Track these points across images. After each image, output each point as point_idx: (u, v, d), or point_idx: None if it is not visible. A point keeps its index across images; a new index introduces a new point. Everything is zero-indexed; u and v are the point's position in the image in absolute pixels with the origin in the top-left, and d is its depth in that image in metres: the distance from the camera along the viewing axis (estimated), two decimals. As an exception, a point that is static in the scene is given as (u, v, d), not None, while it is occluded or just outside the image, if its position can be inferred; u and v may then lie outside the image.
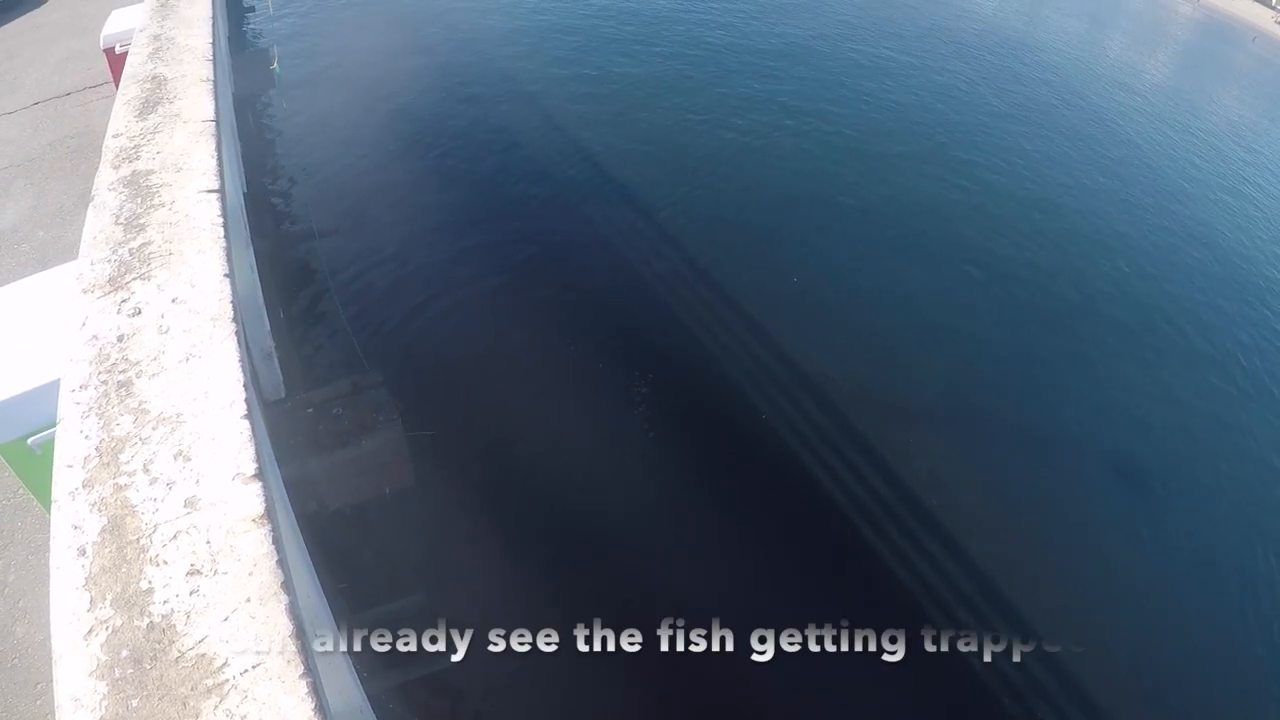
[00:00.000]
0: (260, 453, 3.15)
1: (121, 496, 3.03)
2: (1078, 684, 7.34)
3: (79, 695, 2.53)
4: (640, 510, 7.68)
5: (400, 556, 6.85)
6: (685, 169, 13.73)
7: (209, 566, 2.82)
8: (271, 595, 2.75)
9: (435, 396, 8.31)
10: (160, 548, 2.88)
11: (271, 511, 2.98)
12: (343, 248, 10.11)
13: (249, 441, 3.16)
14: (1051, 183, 14.85)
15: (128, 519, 2.96)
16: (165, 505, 3.00)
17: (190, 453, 3.15)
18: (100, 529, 2.94)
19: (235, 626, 2.68)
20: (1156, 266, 13.00)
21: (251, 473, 3.07)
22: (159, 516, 2.96)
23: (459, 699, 6.35)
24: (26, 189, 9.36)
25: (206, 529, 2.92)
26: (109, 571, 2.83)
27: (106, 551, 2.88)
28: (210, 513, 2.96)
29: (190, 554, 2.86)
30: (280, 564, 2.83)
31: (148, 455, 3.16)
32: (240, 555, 2.85)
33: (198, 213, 4.42)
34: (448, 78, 15.20)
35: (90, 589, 2.79)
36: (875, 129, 15.67)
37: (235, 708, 2.51)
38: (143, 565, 2.84)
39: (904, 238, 12.60)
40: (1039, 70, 20.04)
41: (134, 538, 2.91)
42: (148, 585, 2.79)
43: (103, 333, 3.70)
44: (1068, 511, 8.79)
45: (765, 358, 10.05)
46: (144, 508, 3.00)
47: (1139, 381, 10.72)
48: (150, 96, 5.58)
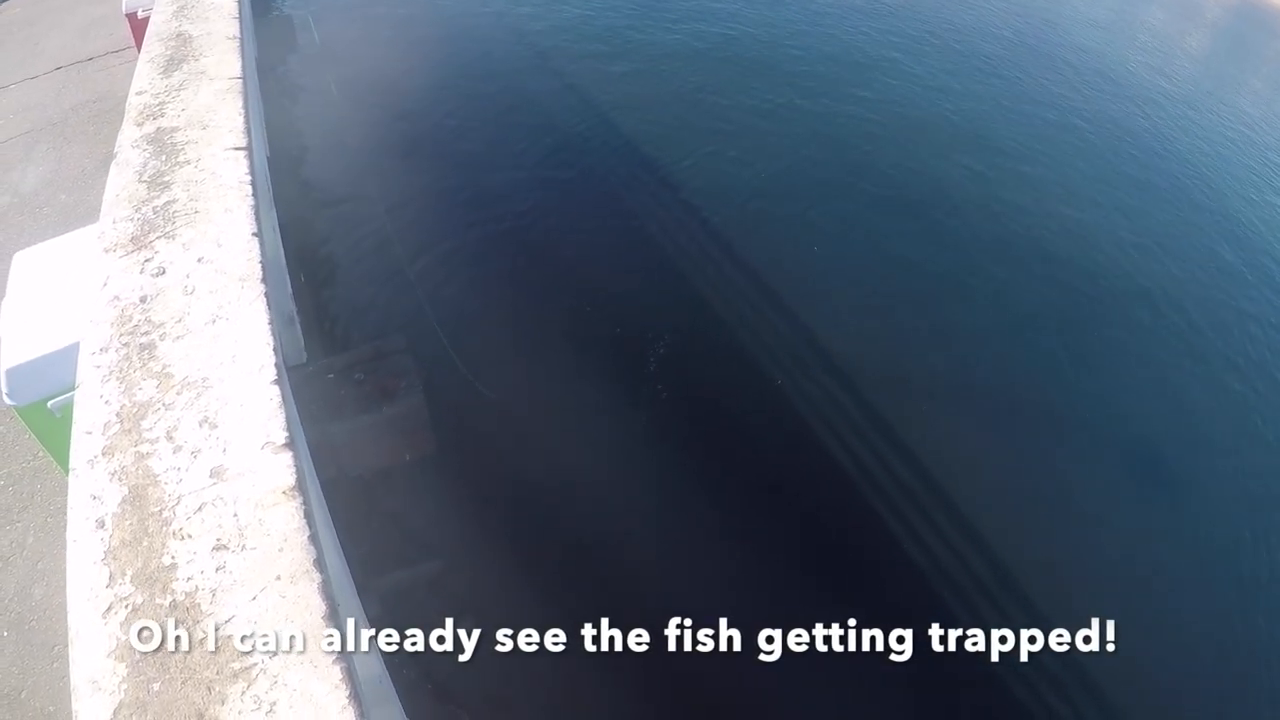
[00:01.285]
0: (290, 421, 2.89)
1: (143, 465, 2.78)
2: (1094, 681, 7.11)
3: (96, 678, 2.31)
4: (647, 494, 7.46)
5: (419, 524, 6.65)
6: (704, 132, 13.38)
7: (236, 541, 2.58)
8: (303, 573, 2.51)
9: (460, 363, 8.06)
10: (184, 520, 2.64)
11: (302, 483, 2.73)
12: (366, 214, 9.84)
13: (279, 409, 2.91)
14: (1088, 175, 14.37)
15: (150, 489, 2.72)
16: (190, 475, 2.75)
17: (216, 420, 2.91)
18: (120, 499, 2.70)
19: (264, 606, 2.45)
20: (1195, 264, 12.56)
21: (282, 442, 2.82)
22: (183, 487, 2.72)
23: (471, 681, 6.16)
24: (49, 153, 9.15)
25: (234, 501, 2.67)
26: (129, 545, 2.58)
27: (127, 524, 2.64)
28: (238, 484, 2.71)
29: (216, 528, 2.62)
30: (312, 540, 2.59)
31: (171, 422, 2.91)
32: (270, 530, 2.61)
33: (225, 170, 4.15)
34: (480, 55, 14.83)
35: (109, 563, 2.56)
36: (913, 104, 15.19)
37: (264, 694, 2.28)
38: (165, 539, 2.59)
39: (931, 215, 12.22)
40: (1067, 53, 19.40)
41: (156, 509, 2.67)
42: (170, 560, 2.55)
43: (125, 293, 3.44)
44: (1088, 504, 8.50)
45: (780, 330, 9.77)
46: (167, 477, 2.75)
47: (1168, 376, 10.39)
48: (175, 54, 5.31)
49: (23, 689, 5.05)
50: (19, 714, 4.97)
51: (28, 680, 5.06)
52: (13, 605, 5.41)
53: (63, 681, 5.07)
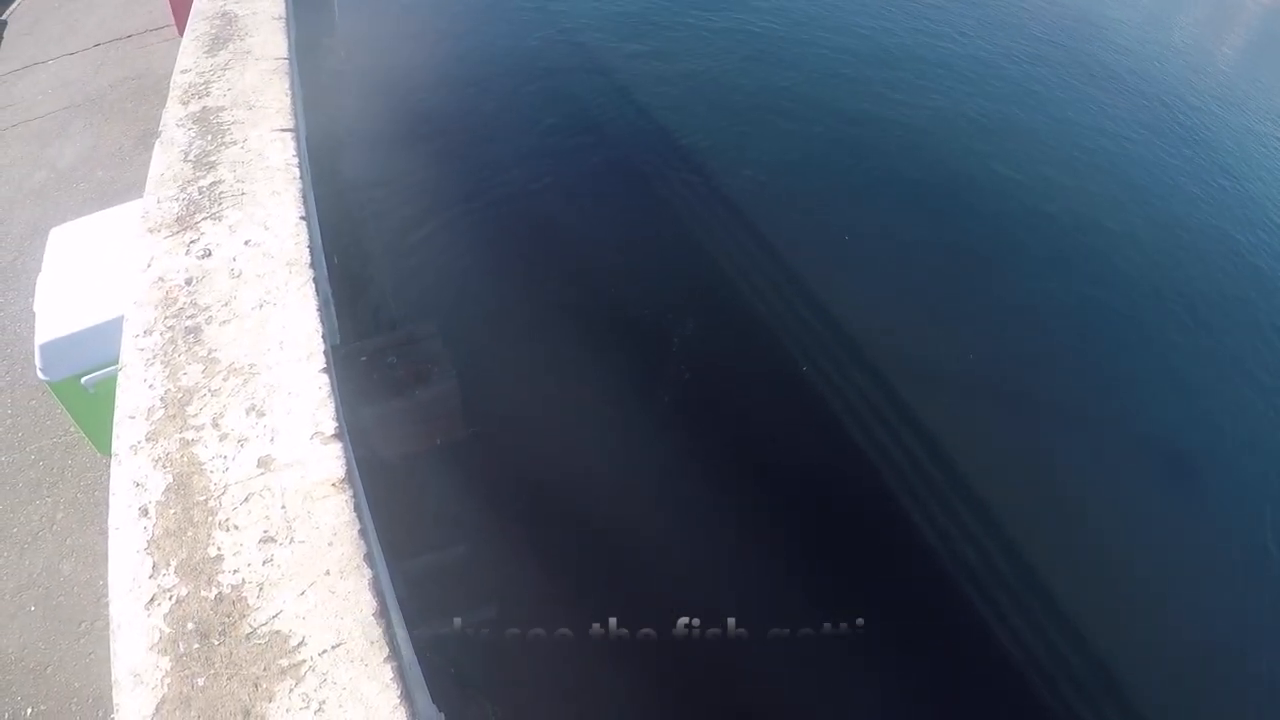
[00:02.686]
0: (339, 410, 2.76)
1: (189, 453, 2.66)
2: (1115, 682, 6.97)
3: (139, 671, 2.19)
4: (670, 482, 7.34)
5: (446, 508, 6.55)
6: (734, 111, 13.18)
7: (284, 534, 2.46)
8: (353, 569, 2.39)
9: (490, 351, 7.94)
10: (231, 511, 2.51)
11: (352, 475, 2.60)
12: (400, 198, 9.72)
13: (328, 397, 2.79)
14: (1132, 180, 14.01)
15: (195, 478, 2.60)
16: (236, 464, 2.63)
17: (264, 407, 2.78)
18: (165, 488, 2.58)
19: (313, 602, 2.32)
20: (1227, 269, 12.26)
21: (331, 432, 2.70)
22: (229, 476, 2.60)
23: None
24: (86, 129, 9.05)
25: (282, 492, 2.55)
26: (174, 535, 2.46)
27: (171, 513, 2.52)
28: (286, 474, 2.59)
29: (264, 519, 2.49)
30: (362, 535, 2.47)
31: (217, 408, 2.78)
32: (319, 523, 2.48)
33: (271, 152, 4.02)
34: (520, 43, 14.63)
35: (153, 553, 2.44)
36: (949, 104, 14.91)
37: (312, 692, 2.16)
38: (211, 529, 2.47)
39: (967, 212, 11.98)
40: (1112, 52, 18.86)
41: (202, 498, 2.54)
42: (216, 552, 2.43)
43: (170, 275, 3.32)
44: (1117, 505, 8.31)
45: (803, 314, 9.61)
46: (213, 466, 2.63)
47: (1206, 377, 10.14)
48: (220, 33, 5.17)
49: (49, 664, 4.96)
50: (45, 689, 4.89)
51: (54, 655, 4.98)
52: (41, 580, 5.33)
53: (90, 658, 4.98)
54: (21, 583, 5.31)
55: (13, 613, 5.16)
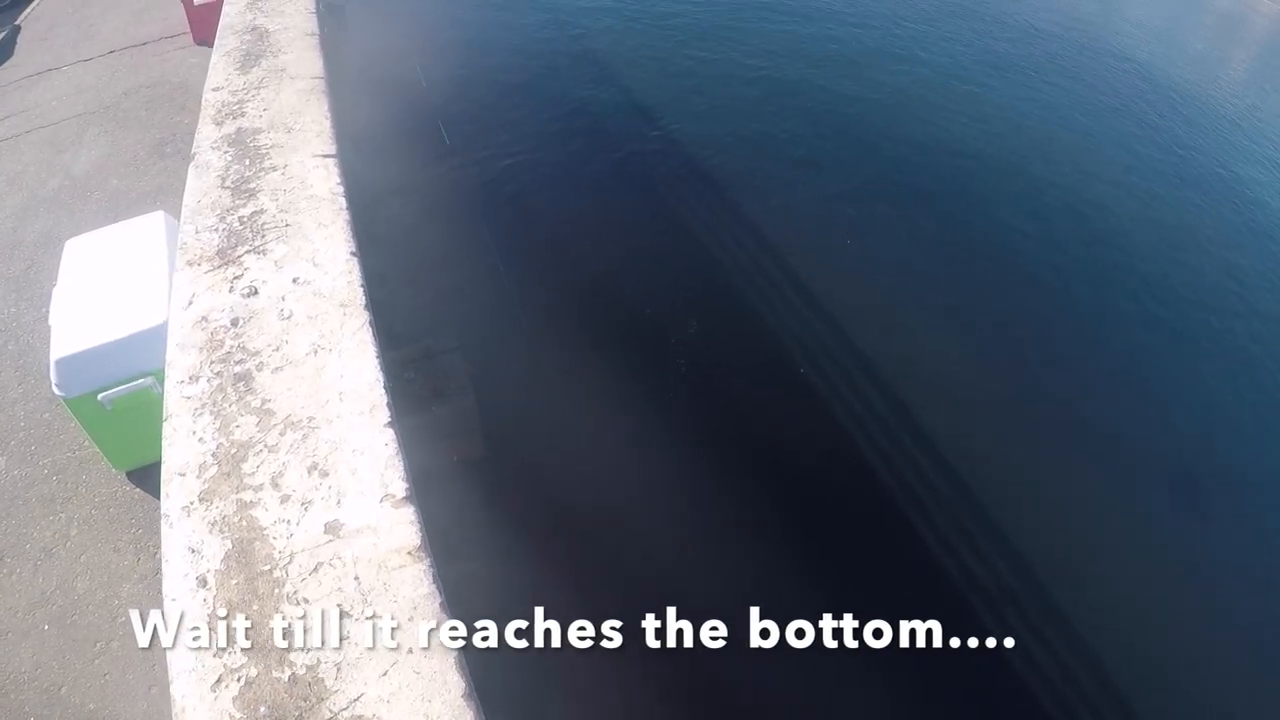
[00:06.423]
0: (408, 470, 2.46)
1: (247, 516, 2.36)
2: (1112, 685, 6.83)
3: (210, 766, 1.87)
4: (681, 495, 7.12)
5: (461, 526, 6.27)
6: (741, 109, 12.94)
7: (360, 608, 2.16)
8: (438, 646, 2.10)
9: (509, 369, 7.67)
10: (299, 582, 2.22)
11: (425, 542, 2.30)
12: (420, 208, 9.39)
13: (396, 456, 2.49)
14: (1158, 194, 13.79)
15: (257, 544, 2.30)
16: (301, 529, 2.33)
17: (327, 466, 2.48)
18: (224, 555, 2.28)
19: (396, 684, 2.05)
20: (1249, 281, 12.05)
21: (403, 494, 2.40)
22: (294, 543, 2.30)
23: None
24: (100, 137, 8.64)
25: (354, 561, 2.25)
26: (237, 608, 2.15)
27: (233, 583, 2.22)
28: (357, 541, 2.29)
29: (336, 591, 2.20)
30: (443, 608, 2.17)
31: (276, 466, 2.48)
32: (397, 595, 2.20)
33: (314, 179, 3.69)
34: (528, 49, 14.26)
35: (215, 628, 2.11)
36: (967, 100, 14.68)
37: (401, 789, 1.86)
38: (279, 602, 2.18)
39: (978, 214, 11.75)
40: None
41: (266, 568, 2.25)
42: (286, 627, 2.12)
43: (214, 314, 3.00)
44: (1121, 516, 8.12)
45: (810, 319, 9.41)
46: (276, 531, 2.33)
47: (1218, 392, 9.96)
48: (251, 49, 4.83)
49: (63, 684, 4.68)
50: (58, 710, 4.62)
51: (68, 676, 4.68)
52: (55, 598, 5.02)
53: (105, 679, 4.68)
54: (34, 600, 4.98)
55: (25, 630, 4.84)
